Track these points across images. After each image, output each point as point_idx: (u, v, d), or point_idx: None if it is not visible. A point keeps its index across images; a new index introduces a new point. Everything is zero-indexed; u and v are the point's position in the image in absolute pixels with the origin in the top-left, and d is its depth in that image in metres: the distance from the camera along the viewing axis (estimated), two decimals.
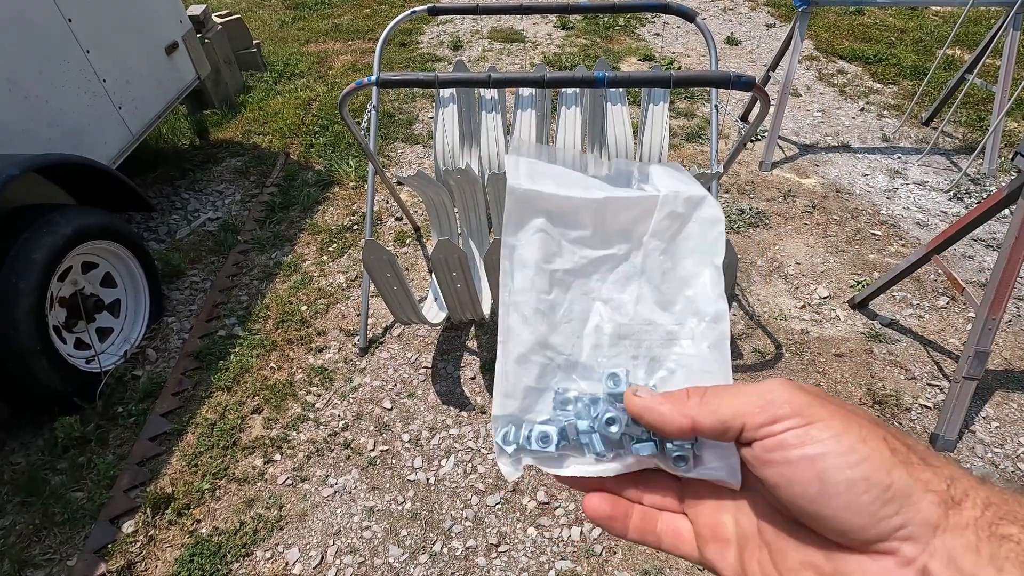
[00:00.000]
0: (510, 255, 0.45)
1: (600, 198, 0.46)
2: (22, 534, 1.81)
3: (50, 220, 2.02)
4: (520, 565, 1.73)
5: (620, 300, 0.46)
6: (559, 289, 0.45)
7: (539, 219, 0.46)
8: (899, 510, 0.27)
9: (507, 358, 0.43)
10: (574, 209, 0.46)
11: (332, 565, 1.74)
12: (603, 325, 0.45)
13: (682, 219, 0.46)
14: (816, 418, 0.29)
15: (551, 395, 0.43)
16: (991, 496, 0.27)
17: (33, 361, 1.90)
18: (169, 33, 3.26)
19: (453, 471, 1.97)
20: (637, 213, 0.47)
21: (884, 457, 0.27)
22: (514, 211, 0.45)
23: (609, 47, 5.17)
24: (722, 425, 0.32)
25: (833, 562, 0.29)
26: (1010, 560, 0.24)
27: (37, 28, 2.33)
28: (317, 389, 2.26)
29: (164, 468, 1.99)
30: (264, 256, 2.93)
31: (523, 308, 0.44)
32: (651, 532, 0.38)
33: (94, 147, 2.59)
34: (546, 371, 0.43)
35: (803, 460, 0.28)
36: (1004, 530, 0.25)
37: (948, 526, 0.26)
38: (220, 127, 4.02)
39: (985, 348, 1.90)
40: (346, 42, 5.53)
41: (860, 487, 0.27)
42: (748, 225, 3.05)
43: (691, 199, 0.47)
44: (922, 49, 4.98)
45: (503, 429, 0.41)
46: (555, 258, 0.46)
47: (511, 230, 0.45)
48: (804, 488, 0.29)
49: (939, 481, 0.27)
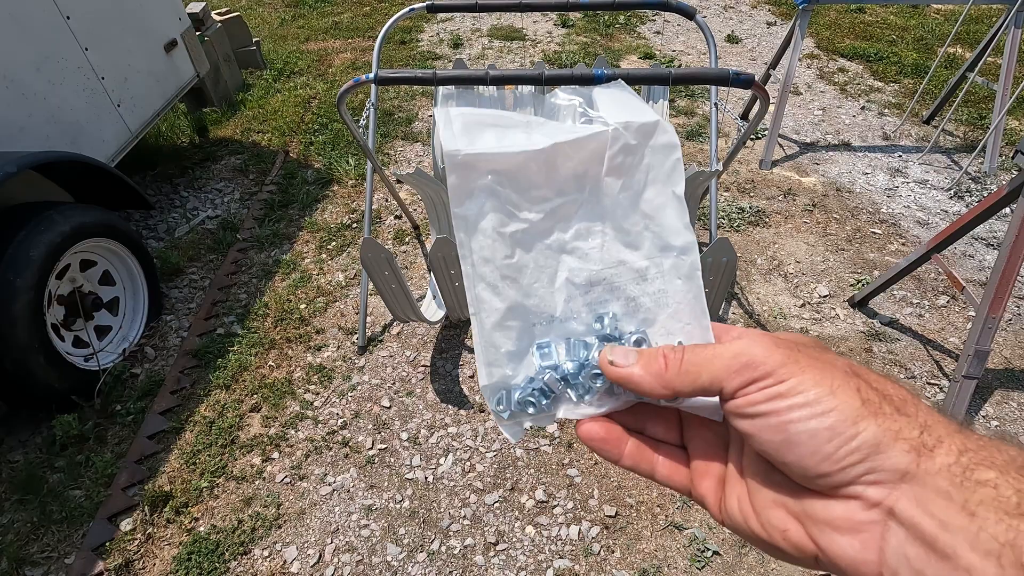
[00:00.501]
0: (464, 226, 0.42)
1: (547, 146, 0.43)
2: (20, 532, 1.81)
3: (48, 218, 2.02)
4: (518, 564, 1.73)
5: (586, 248, 0.44)
6: (521, 250, 0.43)
7: (485, 180, 0.43)
8: (865, 458, 0.27)
9: (483, 328, 0.42)
10: (522, 164, 0.43)
11: (330, 563, 1.73)
12: (573, 277, 0.43)
13: (636, 151, 0.44)
14: (789, 375, 0.30)
15: (533, 353, 0.42)
16: (967, 443, 0.27)
17: (31, 358, 1.90)
18: (168, 31, 3.25)
19: (451, 469, 1.97)
20: (588, 155, 0.44)
21: (853, 408, 0.28)
22: (458, 180, 0.42)
23: (609, 45, 5.16)
24: (700, 391, 0.33)
25: (801, 503, 0.30)
26: (984, 504, 0.24)
27: (35, 25, 2.32)
28: (316, 387, 2.26)
29: (162, 466, 1.99)
30: (263, 254, 2.92)
31: (488, 277, 0.42)
32: (646, 461, 0.38)
33: (92, 145, 2.59)
34: (524, 333, 0.42)
35: (770, 414, 0.29)
36: (980, 475, 0.25)
37: (918, 472, 0.26)
38: (219, 125, 4.02)
39: (985, 347, 1.90)
40: (346, 40, 5.52)
41: (823, 437, 0.28)
42: (748, 223, 3.05)
43: (643, 128, 0.44)
44: (923, 47, 4.97)
45: (495, 396, 0.41)
46: (511, 221, 0.43)
47: (458, 201, 0.42)
48: (771, 437, 0.30)
49: (911, 429, 0.27)
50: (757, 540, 0.33)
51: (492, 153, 0.43)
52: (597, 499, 1.88)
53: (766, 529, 0.32)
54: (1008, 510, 0.23)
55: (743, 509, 0.34)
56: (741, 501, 0.34)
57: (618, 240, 0.44)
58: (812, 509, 0.30)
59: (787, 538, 0.31)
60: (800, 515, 0.30)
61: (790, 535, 0.31)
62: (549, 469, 1.97)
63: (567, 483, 1.92)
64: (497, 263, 0.43)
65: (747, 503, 0.33)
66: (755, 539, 0.33)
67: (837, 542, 0.28)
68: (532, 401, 0.40)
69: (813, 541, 0.30)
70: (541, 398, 0.40)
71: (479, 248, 0.43)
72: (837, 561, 0.29)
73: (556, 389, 0.40)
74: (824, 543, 0.29)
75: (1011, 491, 0.24)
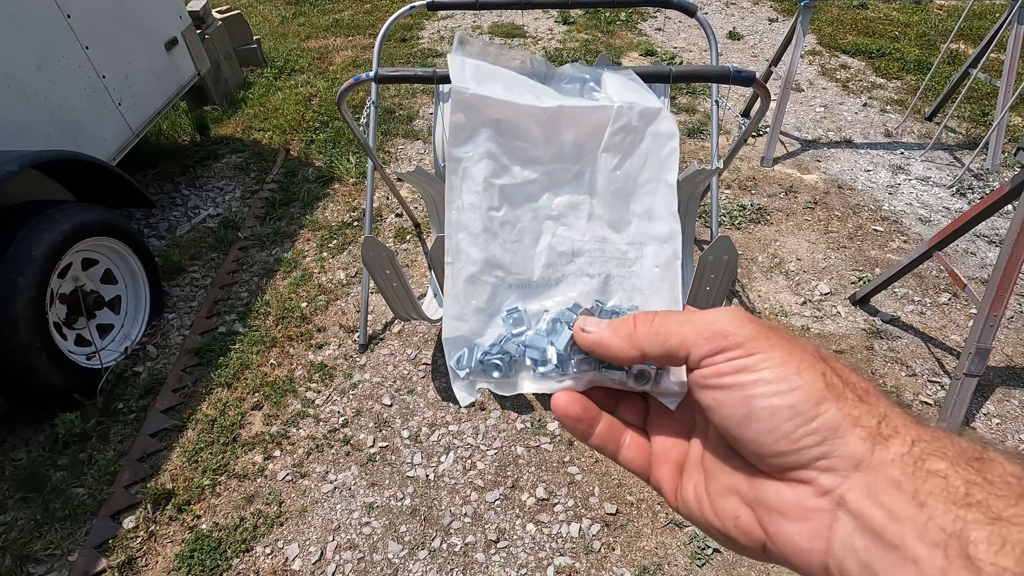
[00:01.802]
0: (456, 169, 0.42)
1: (553, 107, 0.43)
2: (23, 529, 1.82)
3: (50, 216, 2.02)
4: (519, 561, 1.73)
5: (573, 217, 0.44)
6: (509, 206, 0.43)
7: (487, 129, 0.43)
8: (822, 441, 0.27)
9: (456, 279, 0.41)
10: (525, 118, 0.43)
11: (331, 561, 1.74)
12: (556, 243, 0.43)
13: (636, 133, 0.44)
14: (758, 350, 0.29)
15: (502, 316, 0.41)
16: (922, 433, 0.27)
17: (33, 357, 1.91)
18: (169, 29, 3.25)
19: (452, 467, 1.97)
20: (590, 127, 0.45)
21: (816, 390, 0.28)
22: (461, 119, 0.42)
23: (610, 42, 5.15)
24: (668, 354, 0.33)
25: (754, 488, 0.30)
26: (934, 495, 0.24)
27: (36, 24, 2.32)
28: (317, 385, 2.26)
29: (164, 464, 2.00)
30: (264, 253, 2.93)
31: (471, 226, 0.42)
32: (613, 442, 0.38)
33: (93, 143, 2.59)
34: (497, 292, 0.42)
35: (735, 387, 0.29)
36: (932, 465, 0.25)
37: (872, 462, 0.26)
38: (220, 123, 4.02)
39: (987, 345, 1.89)
40: (346, 38, 5.51)
41: (784, 415, 0.28)
42: (749, 221, 3.04)
43: (646, 112, 0.44)
44: (926, 44, 4.95)
45: (456, 353, 0.40)
46: (504, 173, 0.43)
47: (458, 141, 0.43)
48: (732, 411, 0.29)
49: (870, 418, 0.27)
50: (709, 527, 0.33)
51: (499, 99, 0.43)
52: (598, 497, 1.88)
53: (719, 516, 0.32)
54: (956, 500, 0.23)
55: (698, 496, 0.34)
56: (697, 488, 0.34)
57: (604, 218, 0.44)
58: (764, 495, 0.30)
59: (738, 525, 0.31)
60: (752, 502, 0.30)
61: (741, 522, 0.31)
62: (550, 467, 1.97)
63: (568, 481, 1.93)
64: (482, 212, 0.42)
65: (703, 490, 0.34)
66: (707, 526, 0.33)
67: (786, 529, 0.28)
68: (496, 364, 0.39)
69: (763, 528, 0.29)
70: (504, 365, 0.39)
71: (468, 193, 0.42)
72: (784, 549, 0.28)
73: (521, 359, 0.39)
74: (773, 530, 0.29)
75: (960, 481, 0.24)
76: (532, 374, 0.39)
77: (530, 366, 0.39)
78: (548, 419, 2.11)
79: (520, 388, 0.39)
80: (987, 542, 0.22)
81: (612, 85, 0.47)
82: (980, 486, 0.24)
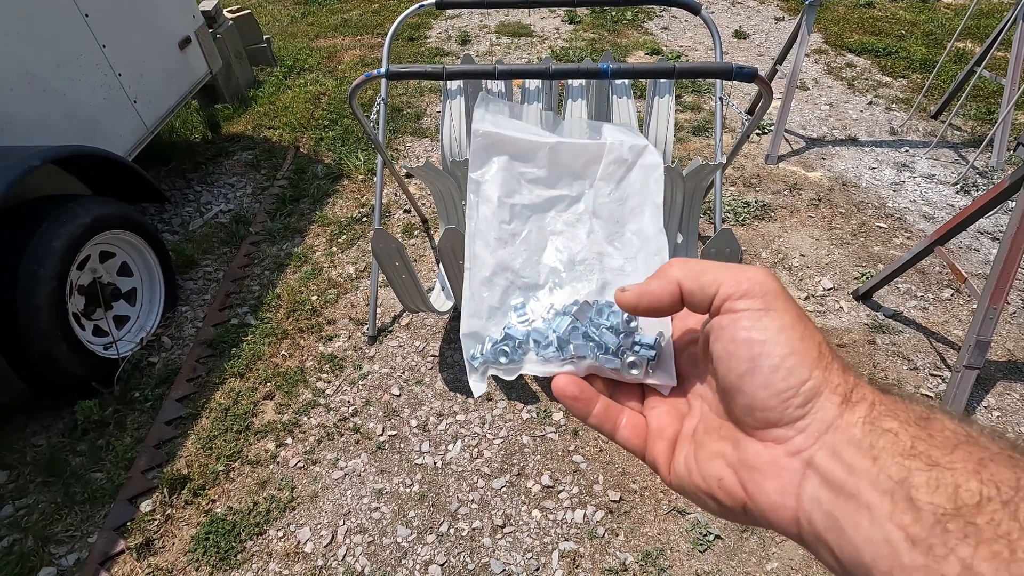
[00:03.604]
0: (476, 190, 0.51)
1: (554, 142, 0.53)
2: (44, 512, 1.88)
3: (70, 210, 2.08)
4: (525, 545, 1.77)
5: (574, 233, 0.52)
6: (519, 221, 0.51)
7: (501, 158, 0.52)
8: (805, 403, 0.31)
9: (473, 281, 0.48)
10: (532, 149, 0.53)
11: (342, 544, 1.79)
12: (559, 254, 0.51)
13: (627, 164, 0.53)
14: (773, 307, 0.33)
15: (510, 309, 0.47)
16: (882, 399, 0.30)
17: (54, 345, 1.96)
18: (182, 28, 3.32)
19: (460, 455, 2.02)
20: (587, 158, 0.53)
21: (812, 356, 0.31)
22: (479, 151, 0.52)
23: (616, 41, 5.18)
24: (701, 288, 0.35)
25: (737, 451, 0.34)
26: (886, 450, 0.27)
27: (55, 23, 2.39)
28: (327, 376, 2.31)
29: (180, 451, 2.05)
30: (275, 247, 2.98)
31: (487, 236, 0.49)
32: (610, 422, 0.42)
33: (109, 140, 2.65)
34: (508, 292, 0.48)
35: (746, 341, 0.33)
36: (885, 424, 0.29)
37: (840, 424, 0.30)
38: (231, 121, 4.08)
39: (986, 337, 1.92)
40: (355, 37, 5.57)
41: (781, 374, 0.31)
42: (753, 218, 3.07)
43: (635, 147, 0.53)
44: (932, 42, 4.95)
45: (472, 347, 0.46)
46: (515, 194, 0.52)
47: (476, 167, 0.52)
48: (738, 363, 0.33)
49: (846, 387, 0.31)
50: (697, 491, 0.36)
51: (510, 136, 0.52)
52: (602, 484, 1.92)
53: (705, 479, 0.35)
54: (903, 453, 0.27)
55: (688, 464, 0.37)
56: (687, 458, 0.37)
57: (602, 234, 0.51)
58: (745, 456, 0.33)
59: (722, 486, 0.34)
60: (735, 464, 0.34)
61: (725, 483, 0.34)
62: (555, 456, 2.01)
63: (572, 469, 1.97)
64: (496, 225, 0.50)
65: (692, 458, 0.37)
66: (695, 491, 0.36)
67: (762, 486, 0.32)
68: (504, 351, 0.44)
69: (743, 488, 0.33)
70: (510, 351, 0.44)
71: (485, 210, 0.50)
72: (760, 504, 0.32)
73: (524, 344, 0.44)
74: (752, 488, 0.32)
75: (907, 437, 0.28)
76: (535, 357, 0.43)
77: (533, 349, 0.43)
78: (553, 409, 2.15)
79: (524, 369, 0.44)
80: (926, 486, 0.25)
81: (607, 131, 0.57)
82: (924, 440, 0.27)
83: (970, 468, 0.25)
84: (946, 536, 0.24)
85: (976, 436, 0.27)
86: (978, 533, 0.23)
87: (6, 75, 2.16)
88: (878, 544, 0.25)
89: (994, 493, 0.24)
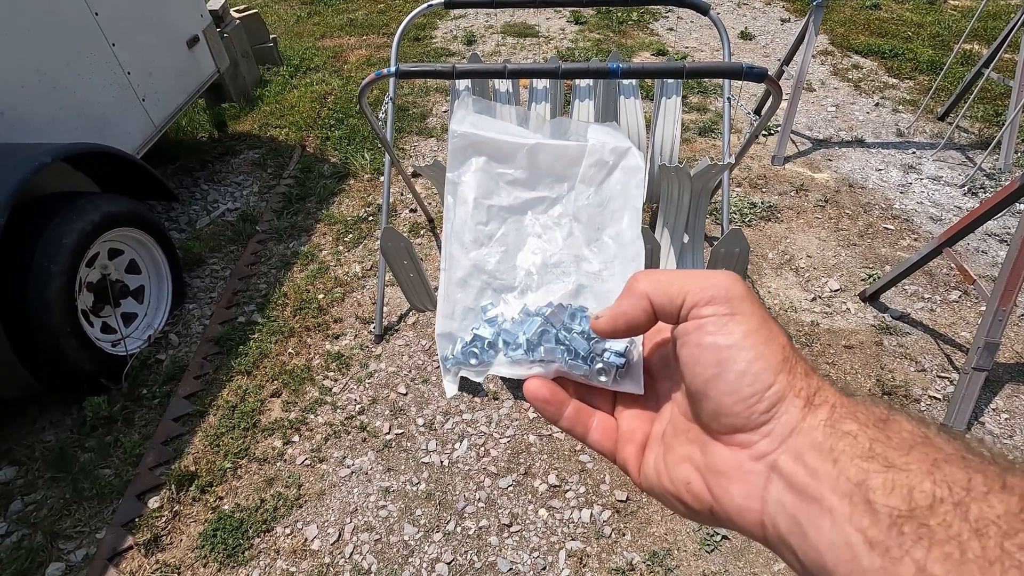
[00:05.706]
0: (453, 191, 0.50)
1: (532, 143, 0.51)
2: (53, 508, 1.89)
3: (80, 206, 2.09)
4: (531, 544, 1.77)
5: (552, 235, 0.51)
6: (496, 222, 0.50)
7: (479, 158, 0.51)
8: (769, 408, 0.31)
9: (449, 282, 0.47)
10: (511, 151, 0.51)
11: (349, 541, 1.79)
12: (536, 256, 0.49)
13: (608, 167, 0.51)
14: (739, 312, 0.33)
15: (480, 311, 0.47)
16: (843, 401, 0.30)
17: (63, 341, 1.97)
18: (190, 27, 3.33)
19: (466, 454, 2.02)
20: (567, 160, 0.52)
21: (776, 361, 0.31)
22: (456, 151, 0.50)
23: (622, 42, 5.18)
24: (669, 299, 0.35)
25: (704, 455, 0.34)
26: (846, 453, 0.27)
27: (66, 21, 2.40)
28: (334, 374, 2.32)
29: (187, 447, 2.06)
30: (282, 246, 2.99)
31: (462, 237, 0.49)
32: (582, 425, 0.42)
33: (118, 138, 2.67)
34: (483, 294, 0.48)
35: (712, 346, 0.33)
36: (845, 427, 0.29)
37: (802, 428, 0.30)
38: (238, 120, 4.10)
39: (995, 339, 1.91)
40: (361, 37, 5.58)
41: (746, 380, 0.31)
42: (760, 219, 3.07)
43: (617, 149, 0.51)
44: (939, 44, 4.93)
45: (444, 348, 0.46)
46: (492, 195, 0.51)
47: (453, 167, 0.50)
48: (704, 368, 0.33)
49: (809, 390, 0.31)
50: (666, 494, 0.36)
51: (489, 137, 0.51)
52: (608, 484, 1.92)
53: (674, 483, 0.36)
54: (861, 455, 0.27)
55: (657, 467, 0.37)
56: (656, 460, 0.38)
57: (581, 237, 0.51)
58: (712, 460, 0.33)
59: (690, 490, 0.34)
60: (702, 468, 0.34)
61: (692, 487, 0.34)
62: (562, 455, 2.01)
63: (579, 469, 1.97)
64: (472, 226, 0.49)
65: (661, 461, 0.37)
66: (664, 494, 0.37)
67: (728, 490, 0.32)
68: (474, 352, 0.44)
69: (710, 492, 0.33)
70: (479, 352, 0.43)
71: (461, 211, 0.49)
72: (727, 508, 0.32)
73: (494, 345, 0.43)
74: (718, 492, 0.33)
75: (866, 439, 0.28)
76: (504, 358, 0.43)
77: (502, 349, 0.43)
78: None
79: (493, 371, 0.43)
80: (882, 488, 0.25)
81: (591, 132, 0.55)
82: (881, 442, 0.27)
83: (924, 469, 0.25)
84: (901, 538, 0.24)
85: (932, 437, 0.27)
86: (931, 535, 0.24)
87: (17, 73, 2.18)
88: (839, 548, 0.26)
89: (946, 494, 0.24)
